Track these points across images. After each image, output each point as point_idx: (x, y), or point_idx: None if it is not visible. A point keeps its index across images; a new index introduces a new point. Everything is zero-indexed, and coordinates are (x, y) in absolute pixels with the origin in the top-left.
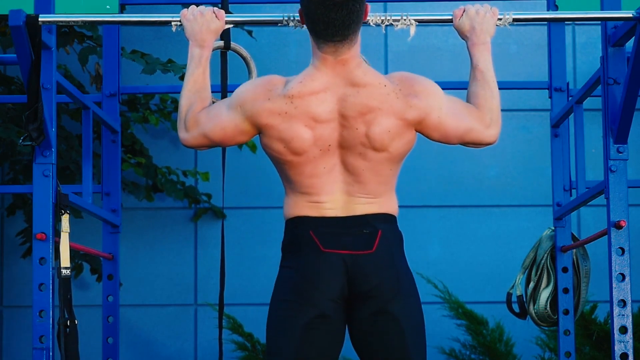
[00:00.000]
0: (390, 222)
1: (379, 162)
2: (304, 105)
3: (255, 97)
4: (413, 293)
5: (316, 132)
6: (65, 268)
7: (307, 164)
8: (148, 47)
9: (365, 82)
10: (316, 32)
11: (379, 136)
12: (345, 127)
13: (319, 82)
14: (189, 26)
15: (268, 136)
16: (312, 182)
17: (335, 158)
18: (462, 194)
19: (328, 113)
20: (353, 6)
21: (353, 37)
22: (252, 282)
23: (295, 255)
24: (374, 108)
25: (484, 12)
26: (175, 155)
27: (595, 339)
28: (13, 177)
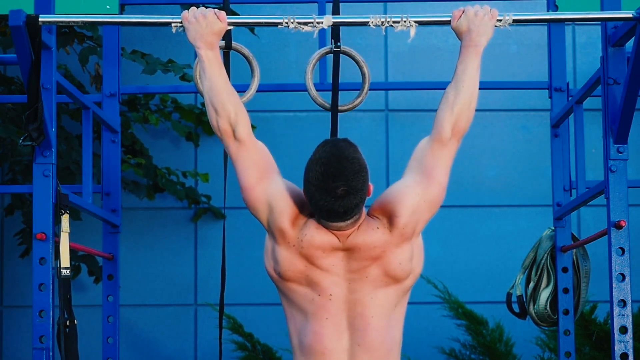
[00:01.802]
0: None
1: (390, 301)
2: (310, 252)
3: (285, 210)
4: None
5: (313, 276)
6: (65, 268)
7: (306, 302)
8: (148, 47)
9: (362, 241)
10: (320, 216)
11: (398, 270)
12: (354, 281)
13: (327, 241)
14: (192, 29)
15: (270, 245)
16: (316, 336)
17: (341, 313)
18: (462, 194)
19: (331, 267)
20: (354, 197)
21: (357, 218)
22: (252, 282)
23: None
24: (379, 256)
25: (482, 14)
26: (175, 155)
27: (595, 339)
28: (12, 177)
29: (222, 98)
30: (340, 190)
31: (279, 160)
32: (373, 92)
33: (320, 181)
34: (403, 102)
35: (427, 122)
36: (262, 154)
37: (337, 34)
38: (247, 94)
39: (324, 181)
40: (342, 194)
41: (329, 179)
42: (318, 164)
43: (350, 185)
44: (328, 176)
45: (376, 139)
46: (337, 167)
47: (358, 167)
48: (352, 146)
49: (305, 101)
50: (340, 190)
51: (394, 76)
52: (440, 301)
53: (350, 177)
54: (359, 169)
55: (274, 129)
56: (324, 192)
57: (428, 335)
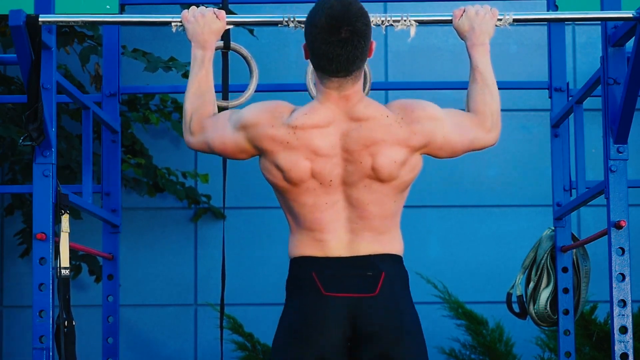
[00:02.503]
0: (395, 262)
1: (385, 194)
2: (306, 138)
3: (260, 122)
4: (417, 335)
5: (316, 165)
6: (65, 268)
7: (307, 195)
8: (148, 46)
9: (367, 115)
10: (320, 67)
11: (387, 167)
12: (349, 162)
13: (323, 116)
14: (190, 28)
15: (267, 161)
16: (315, 217)
17: (339, 194)
18: (462, 194)
19: (330, 148)
20: (358, 42)
21: (357, 73)
22: (252, 282)
23: (297, 297)
24: (378, 140)
25: (483, 13)
26: (175, 155)
27: (595, 339)
28: (12, 177)
29: (186, 99)
30: (344, 32)
31: None
32: (373, 91)
33: (325, 22)
34: None
35: None
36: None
37: None
38: (245, 95)
39: (328, 22)
40: (346, 36)
41: (333, 19)
42: (322, 8)
43: (354, 27)
44: (332, 18)
45: None
46: (342, 10)
47: (362, 12)
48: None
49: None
50: (345, 31)
51: (394, 76)
52: (440, 301)
53: (354, 19)
54: (363, 13)
55: None
56: (327, 34)
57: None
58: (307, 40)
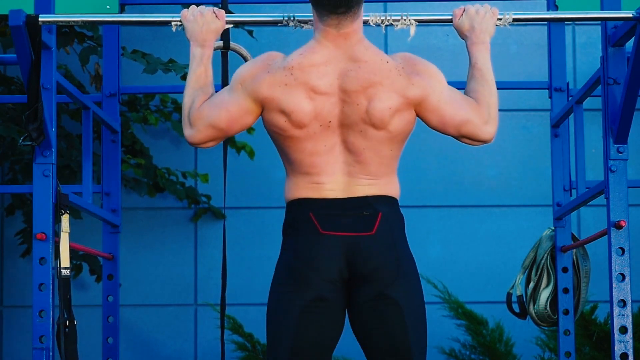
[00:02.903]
0: (391, 204)
1: (380, 142)
2: (303, 77)
3: (255, 72)
4: (414, 276)
5: (316, 104)
6: (65, 268)
7: (308, 140)
8: (148, 47)
9: (366, 57)
10: (319, 4)
11: (380, 112)
12: (346, 103)
13: (320, 55)
14: (190, 27)
15: (269, 110)
16: (313, 160)
17: (336, 136)
18: (462, 194)
19: (328, 86)
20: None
21: (356, 10)
22: (252, 282)
23: (294, 238)
24: (376, 83)
25: (483, 12)
26: (175, 155)
27: (595, 339)
28: (12, 177)
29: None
30: None
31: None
32: None
33: None
34: None
35: None
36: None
37: None
38: None
39: None
40: None
41: None
42: None
43: None
44: None
45: None
46: None
47: None
48: None
49: None
50: None
51: None
52: (440, 301)
53: None
54: None
55: None
56: None
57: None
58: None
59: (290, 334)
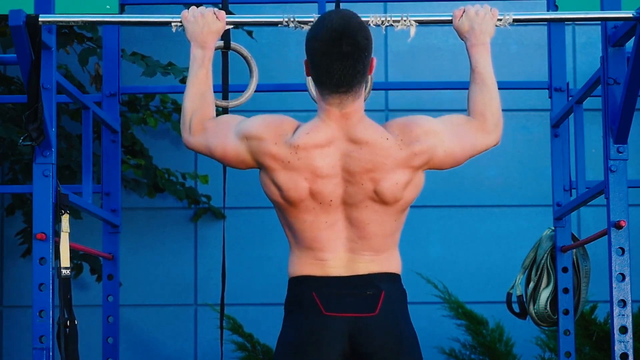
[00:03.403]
0: (394, 281)
1: (386, 214)
2: (307, 158)
3: (264, 137)
4: (415, 354)
5: (315, 186)
6: (65, 268)
7: (306, 213)
8: (148, 48)
9: (367, 138)
10: (321, 82)
11: (389, 190)
12: (350, 183)
13: (324, 134)
14: (190, 28)
15: (266, 177)
16: (314, 236)
17: (339, 213)
18: (462, 194)
19: (330, 168)
20: (359, 56)
21: (358, 89)
22: (252, 283)
23: (297, 316)
24: (379, 165)
25: (483, 13)
26: (175, 156)
27: (595, 339)
28: (12, 177)
29: (186, 98)
30: (345, 45)
31: None
32: (373, 92)
33: (326, 36)
34: (403, 102)
35: None
36: (216, 124)
37: None
38: (245, 95)
39: (329, 36)
40: (347, 50)
41: (335, 33)
42: (323, 23)
43: (355, 40)
44: (334, 31)
45: None
46: (343, 24)
47: (363, 27)
48: (356, 14)
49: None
50: (346, 45)
51: (394, 76)
52: (440, 301)
53: (355, 33)
54: (364, 27)
55: None
56: (329, 47)
57: (428, 335)
58: (307, 55)
59: None
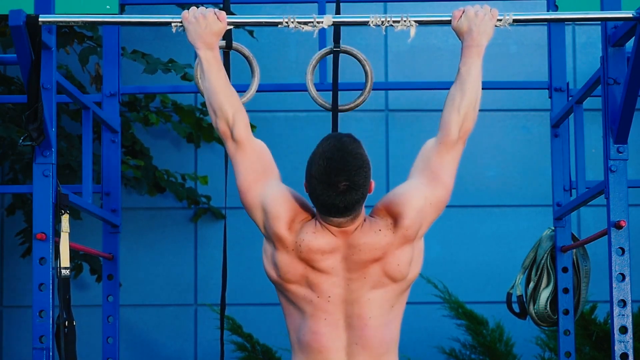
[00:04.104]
0: None
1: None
2: (309, 257)
3: (280, 217)
4: None
5: (313, 277)
6: (65, 268)
7: (304, 301)
8: (148, 47)
9: (363, 238)
10: (320, 210)
11: (398, 271)
12: (352, 280)
13: (326, 242)
14: (192, 29)
15: (268, 248)
16: (314, 338)
17: (339, 313)
18: (462, 194)
19: (330, 269)
20: (356, 194)
21: (357, 214)
22: (252, 283)
23: None
24: (379, 256)
25: (482, 14)
26: (175, 156)
27: (595, 339)
28: (13, 177)
29: (219, 99)
30: (342, 185)
31: (278, 160)
32: (373, 92)
33: (323, 175)
34: (403, 102)
35: (427, 122)
36: (261, 156)
37: (337, 33)
38: (247, 94)
39: (326, 175)
40: (344, 189)
41: (332, 173)
42: (321, 158)
43: (352, 180)
44: (331, 170)
45: (376, 139)
46: (340, 162)
47: (361, 163)
48: (356, 141)
49: (305, 101)
50: (342, 185)
51: (394, 76)
52: (440, 301)
53: (352, 172)
54: (361, 164)
55: (274, 129)
56: (326, 187)
57: (428, 335)
58: (306, 185)
59: None
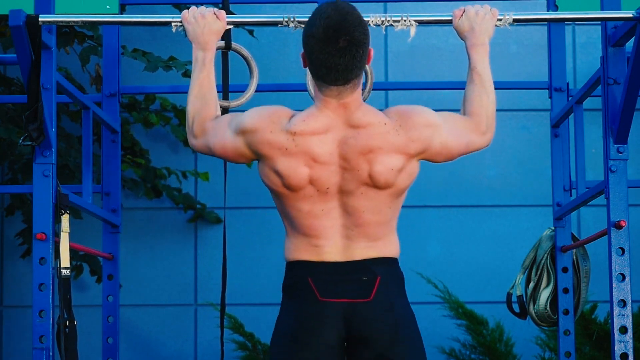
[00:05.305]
0: (390, 265)
1: (381, 201)
2: (304, 144)
3: (259, 128)
4: (414, 337)
5: (314, 172)
6: (65, 268)
7: (304, 201)
8: (148, 47)
9: (365, 122)
10: (319, 76)
11: (383, 175)
12: (346, 170)
13: (321, 122)
14: (191, 29)
15: (266, 166)
16: (311, 223)
17: (335, 201)
18: (462, 194)
19: (328, 155)
20: (356, 51)
21: (356, 81)
22: (253, 282)
23: (293, 301)
24: (375, 148)
25: (483, 13)
26: (174, 158)
27: (595, 339)
28: (12, 177)
29: (189, 99)
30: (342, 41)
31: None
32: (373, 91)
33: (322, 33)
34: (403, 102)
35: None
36: (215, 124)
37: None
38: (245, 96)
39: (325, 32)
40: (344, 45)
41: (330, 29)
42: (319, 18)
43: (352, 36)
44: (330, 27)
45: None
46: (339, 19)
47: (359, 21)
48: (352, 5)
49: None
50: (343, 40)
51: (394, 76)
52: (440, 301)
53: (351, 28)
54: (360, 21)
55: None
56: (325, 44)
57: (428, 335)
58: (305, 50)
59: None
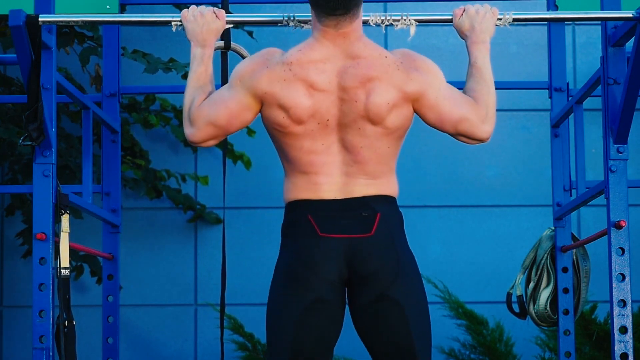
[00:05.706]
0: (390, 203)
1: (377, 138)
2: (302, 73)
3: (253, 68)
4: (414, 275)
5: (315, 101)
6: (65, 268)
7: (306, 137)
8: (148, 48)
9: (365, 53)
10: (318, 5)
11: (377, 107)
12: (344, 101)
13: (319, 52)
14: (190, 27)
15: (268, 105)
16: (311, 159)
17: (334, 135)
18: (462, 194)
19: (327, 84)
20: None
21: (355, 11)
22: (253, 282)
23: (293, 240)
24: (374, 77)
25: (483, 12)
26: (174, 159)
27: (595, 339)
28: (12, 177)
29: (185, 95)
30: None
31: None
32: None
33: None
34: None
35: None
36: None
37: None
38: None
39: None
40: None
41: None
42: None
43: None
44: None
45: None
46: None
47: None
48: None
49: None
50: None
51: None
52: (441, 301)
53: None
54: None
55: None
56: None
57: None
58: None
59: (290, 335)
